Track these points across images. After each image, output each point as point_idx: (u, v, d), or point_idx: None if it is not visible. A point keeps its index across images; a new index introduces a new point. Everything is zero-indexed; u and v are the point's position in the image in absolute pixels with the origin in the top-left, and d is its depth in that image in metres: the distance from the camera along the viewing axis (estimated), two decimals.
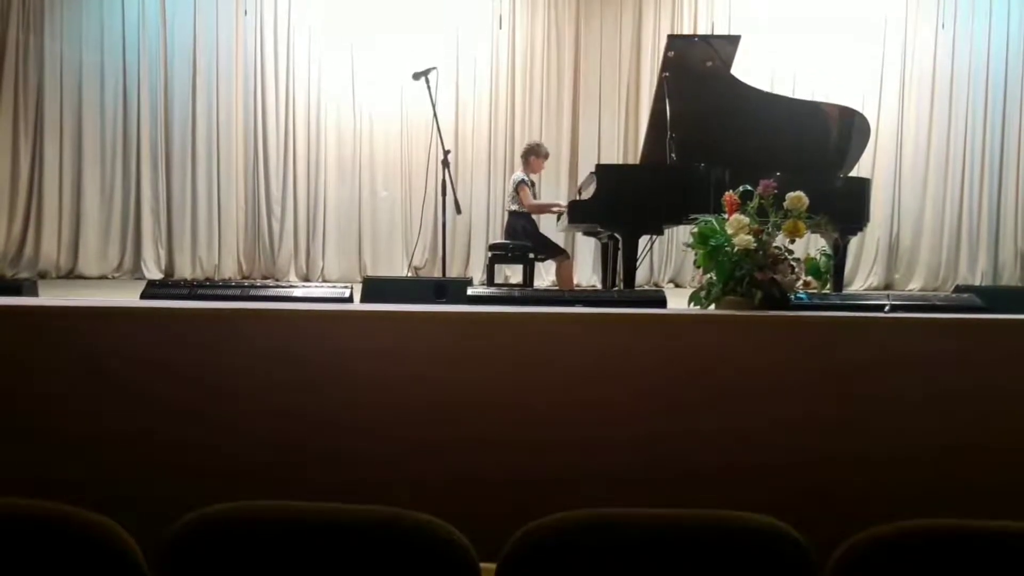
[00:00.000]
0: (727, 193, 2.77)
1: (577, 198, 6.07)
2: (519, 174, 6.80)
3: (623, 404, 2.34)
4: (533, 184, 6.88)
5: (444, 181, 6.05)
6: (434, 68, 6.17)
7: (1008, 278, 9.11)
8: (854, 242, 6.51)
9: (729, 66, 5.59)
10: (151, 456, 2.23)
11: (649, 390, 2.36)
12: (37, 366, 2.29)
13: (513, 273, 8.26)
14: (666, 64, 5.57)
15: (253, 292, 3.00)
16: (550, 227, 7.15)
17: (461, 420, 2.31)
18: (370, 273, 8.94)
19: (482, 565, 1.17)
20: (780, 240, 2.72)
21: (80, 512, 1.15)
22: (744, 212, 2.68)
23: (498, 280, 7.40)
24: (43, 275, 8.52)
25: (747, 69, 6.48)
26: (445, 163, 6.06)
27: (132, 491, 2.08)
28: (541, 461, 2.29)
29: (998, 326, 2.52)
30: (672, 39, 6.03)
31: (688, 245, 2.88)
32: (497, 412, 2.32)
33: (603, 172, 5.49)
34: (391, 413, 2.29)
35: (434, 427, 2.29)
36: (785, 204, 2.70)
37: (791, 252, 2.72)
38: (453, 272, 8.67)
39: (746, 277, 2.61)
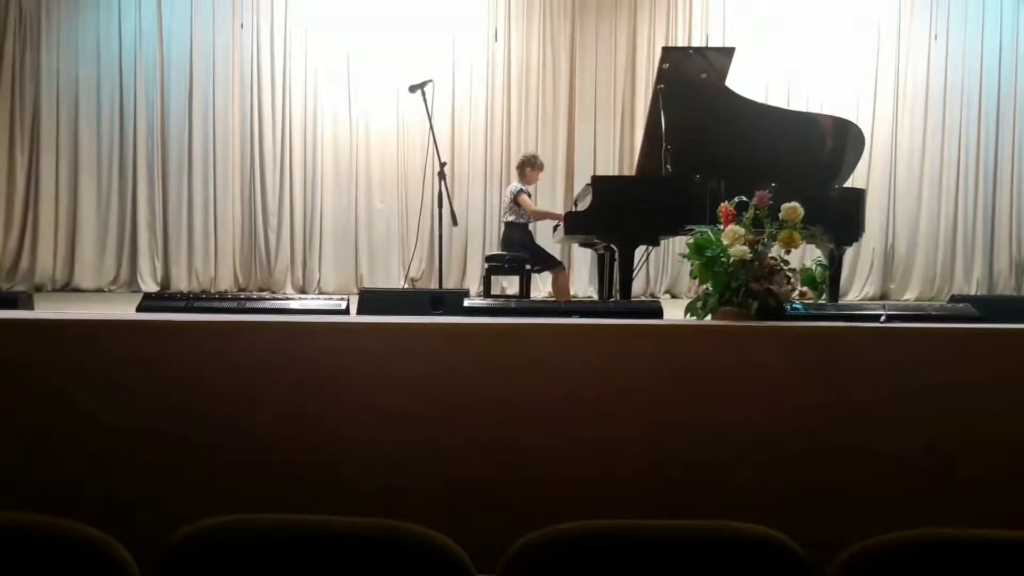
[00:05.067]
0: (723, 204, 2.78)
1: (573, 209, 6.08)
2: (516, 184, 6.81)
3: (619, 415, 2.34)
4: (530, 195, 6.90)
5: (440, 193, 6.05)
6: (430, 81, 6.20)
7: (1003, 287, 9.14)
8: (850, 252, 6.52)
9: (724, 78, 5.61)
10: (149, 468, 2.23)
11: (645, 400, 2.36)
12: (33, 379, 2.29)
13: (509, 284, 8.26)
14: (661, 76, 5.59)
15: (250, 304, 2.99)
16: (546, 238, 7.16)
17: (458, 431, 2.31)
18: (367, 285, 8.93)
19: None
20: (776, 251, 2.72)
21: (76, 526, 1.15)
22: (740, 223, 2.69)
23: (494, 291, 7.40)
24: (39, 288, 8.49)
25: (742, 80, 6.51)
26: (441, 175, 6.07)
27: (129, 503, 2.08)
28: (539, 473, 2.29)
29: (994, 336, 2.53)
30: (667, 51, 6.06)
31: (684, 256, 2.88)
32: (494, 423, 2.32)
33: (599, 183, 5.50)
34: (388, 424, 2.29)
35: (431, 438, 2.29)
36: (780, 215, 2.71)
37: (787, 263, 2.73)
38: (449, 283, 8.66)
39: (742, 288, 2.61)
